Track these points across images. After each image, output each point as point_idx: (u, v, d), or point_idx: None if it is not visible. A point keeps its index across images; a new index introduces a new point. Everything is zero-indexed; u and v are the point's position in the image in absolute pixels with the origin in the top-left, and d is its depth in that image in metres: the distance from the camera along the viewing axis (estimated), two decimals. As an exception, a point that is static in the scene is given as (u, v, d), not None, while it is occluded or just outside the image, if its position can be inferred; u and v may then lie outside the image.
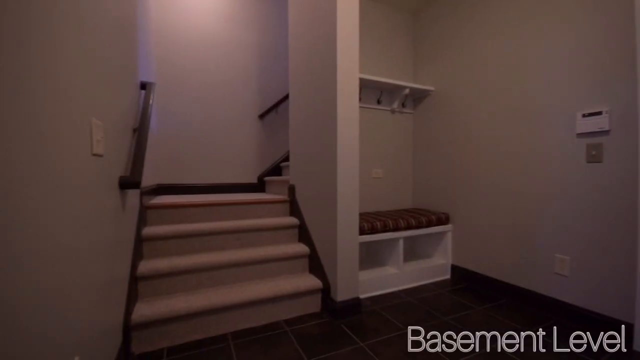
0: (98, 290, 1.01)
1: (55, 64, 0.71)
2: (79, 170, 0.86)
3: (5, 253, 0.50)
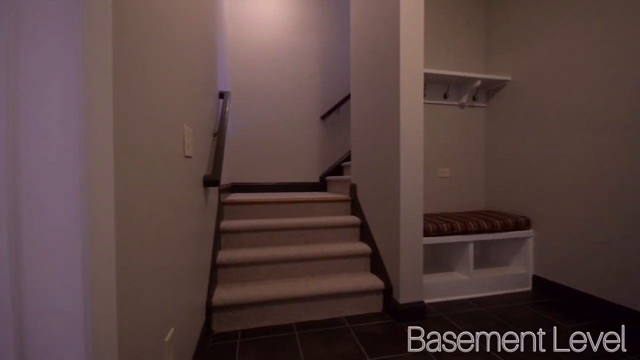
0: (188, 273, 1.18)
1: (161, 84, 0.86)
2: (176, 169, 1.02)
3: (122, 241, 0.64)
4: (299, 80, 3.46)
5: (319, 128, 3.54)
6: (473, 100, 2.62)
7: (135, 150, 0.67)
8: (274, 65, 3.39)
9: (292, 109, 3.46)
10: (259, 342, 1.51)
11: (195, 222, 1.33)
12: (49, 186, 0.46)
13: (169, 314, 0.92)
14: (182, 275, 1.09)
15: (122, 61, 0.57)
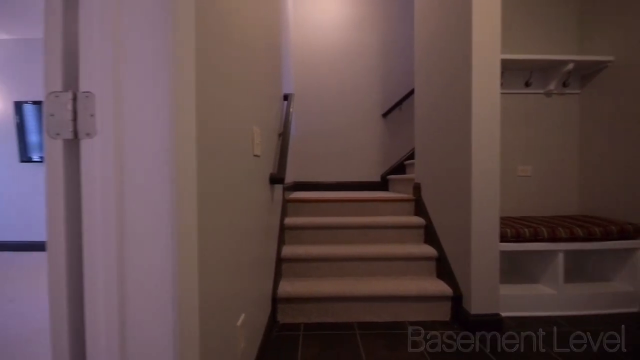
0: (257, 265, 1.26)
1: (234, 87, 0.93)
2: (246, 167, 1.09)
3: (203, 231, 0.70)
4: (359, 78, 3.43)
5: (380, 126, 3.46)
6: (563, 87, 2.27)
7: (212, 149, 0.73)
8: (335, 64, 3.42)
9: (353, 108, 3.44)
10: (321, 337, 1.53)
11: (263, 217, 1.41)
12: (148, 183, 0.53)
13: (240, 302, 1.00)
14: (251, 267, 1.17)
15: (201, 69, 0.63)
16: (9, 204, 3.33)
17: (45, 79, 0.49)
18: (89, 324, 0.51)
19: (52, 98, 0.48)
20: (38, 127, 3.24)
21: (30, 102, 3.22)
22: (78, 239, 0.49)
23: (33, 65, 3.31)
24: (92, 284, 0.50)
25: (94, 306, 0.50)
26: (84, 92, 0.48)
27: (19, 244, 3.32)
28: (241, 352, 0.95)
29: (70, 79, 0.49)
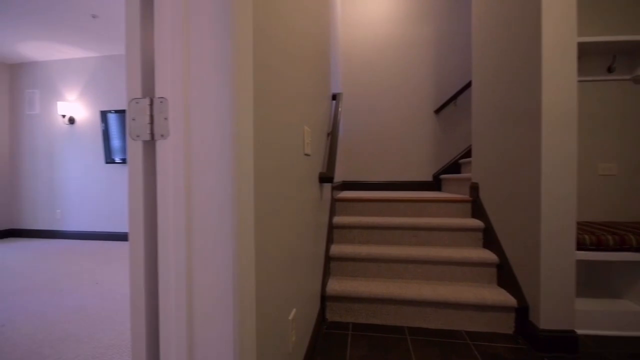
0: (307, 262, 1.28)
1: (287, 88, 0.96)
2: (298, 166, 1.12)
3: (259, 226, 0.73)
4: (410, 73, 3.30)
5: (432, 123, 3.29)
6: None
7: (267, 149, 0.76)
8: (384, 60, 3.34)
9: (403, 104, 3.32)
10: (370, 339, 1.51)
11: (312, 216, 1.43)
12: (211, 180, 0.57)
13: (291, 296, 1.02)
14: (302, 263, 1.19)
15: (259, 73, 0.66)
16: (97, 200, 3.88)
17: (127, 87, 0.55)
18: (162, 307, 0.56)
19: (133, 104, 0.55)
20: (119, 133, 3.71)
21: (113, 111, 3.70)
22: (154, 230, 0.55)
23: (115, 78, 3.80)
24: (165, 271, 0.56)
25: (166, 292, 0.56)
26: (159, 97, 0.53)
27: (104, 234, 3.85)
28: (292, 345, 0.98)
29: (148, 87, 0.56)
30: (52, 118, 3.96)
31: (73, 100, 3.90)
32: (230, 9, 0.53)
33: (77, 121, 3.90)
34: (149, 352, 0.58)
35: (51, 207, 3.98)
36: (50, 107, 3.96)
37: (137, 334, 0.58)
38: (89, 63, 3.86)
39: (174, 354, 0.55)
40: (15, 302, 1.97)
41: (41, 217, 4.01)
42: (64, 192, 3.95)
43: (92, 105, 3.86)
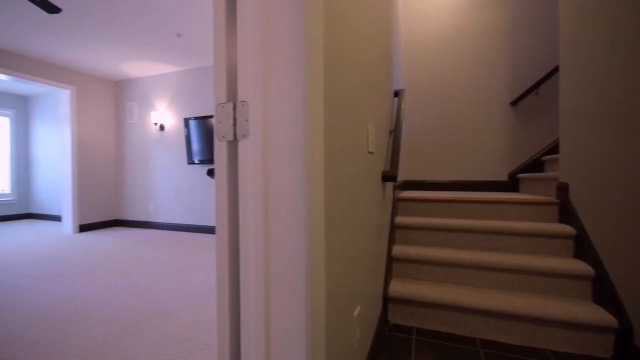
0: (370, 261, 1.28)
1: (351, 85, 0.97)
2: (362, 164, 1.12)
3: (329, 224, 0.75)
4: (481, 63, 3.03)
5: (507, 116, 2.96)
6: None
7: (335, 147, 0.78)
8: (450, 50, 3.12)
9: (474, 97, 3.06)
10: (436, 346, 1.43)
11: (375, 214, 1.42)
12: (285, 179, 0.61)
13: (355, 294, 1.03)
14: (365, 262, 1.19)
15: (328, 74, 0.68)
16: (180, 196, 4.42)
17: (214, 94, 0.63)
18: (242, 295, 0.62)
19: (220, 109, 0.62)
20: (197, 137, 4.17)
21: (193, 118, 4.18)
22: (237, 223, 0.61)
23: (196, 88, 4.29)
24: (245, 264, 0.61)
25: (246, 282, 0.61)
26: (240, 101, 0.59)
27: (186, 226, 4.37)
28: (357, 342, 0.98)
29: (231, 93, 0.62)
30: (147, 126, 4.64)
31: (163, 110, 4.51)
32: (304, 20, 0.56)
33: (166, 128, 4.50)
34: (232, 334, 0.65)
35: (146, 202, 4.67)
36: (145, 117, 4.65)
37: (222, 317, 0.65)
38: (175, 77, 4.42)
39: (254, 337, 0.60)
40: (119, 280, 2.36)
41: (138, 210, 4.74)
42: (155, 189, 4.60)
43: (178, 114, 4.41)
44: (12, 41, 3.40)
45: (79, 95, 4.38)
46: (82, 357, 1.36)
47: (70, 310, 1.82)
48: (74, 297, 2.03)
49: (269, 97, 0.60)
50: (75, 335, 1.54)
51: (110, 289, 2.17)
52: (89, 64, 4.12)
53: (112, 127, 4.86)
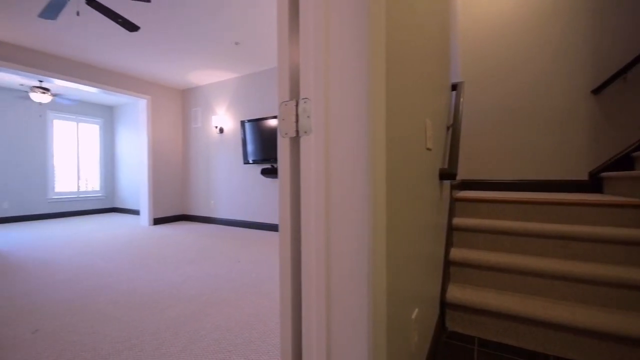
0: (426, 263, 1.22)
1: (409, 79, 0.94)
2: (419, 161, 1.08)
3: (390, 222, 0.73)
4: (556, 46, 2.69)
5: (588, 106, 2.59)
6: None
7: (395, 143, 0.76)
8: (517, 35, 2.83)
9: (546, 87, 2.74)
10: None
11: (432, 214, 1.35)
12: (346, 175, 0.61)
13: (413, 296, 0.99)
14: (422, 264, 1.14)
15: (390, 69, 0.66)
16: (237, 194, 4.73)
17: (278, 92, 0.66)
18: (305, 293, 0.64)
19: (283, 106, 0.64)
20: (252, 139, 4.41)
21: (247, 121, 4.43)
22: (299, 217, 0.63)
23: (251, 93, 4.55)
24: (307, 259, 0.63)
25: (307, 281, 0.63)
26: (302, 98, 0.61)
27: (242, 222, 4.65)
28: (415, 345, 0.95)
29: (294, 91, 0.64)
30: (209, 129, 5.05)
31: (222, 114, 4.87)
32: (366, 17, 0.55)
33: (225, 130, 4.85)
34: (294, 331, 0.67)
35: (207, 199, 5.09)
36: (207, 121, 5.06)
37: (285, 313, 0.68)
38: (233, 83, 4.74)
39: (315, 337, 0.62)
40: (187, 269, 2.60)
41: (201, 206, 5.17)
42: (215, 187, 4.98)
43: (235, 117, 4.72)
44: (100, 58, 3.97)
45: (153, 104, 4.94)
46: (157, 335, 1.53)
47: (147, 294, 2.06)
48: (150, 282, 2.29)
49: (331, 94, 0.60)
50: (152, 316, 1.74)
51: (180, 276, 2.41)
52: (161, 76, 4.62)
53: (180, 131, 5.38)
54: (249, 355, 1.36)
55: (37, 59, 3.68)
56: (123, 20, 2.52)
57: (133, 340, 1.48)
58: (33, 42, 3.45)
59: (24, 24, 3.04)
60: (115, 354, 1.37)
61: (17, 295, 2.04)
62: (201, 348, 1.42)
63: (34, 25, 3.08)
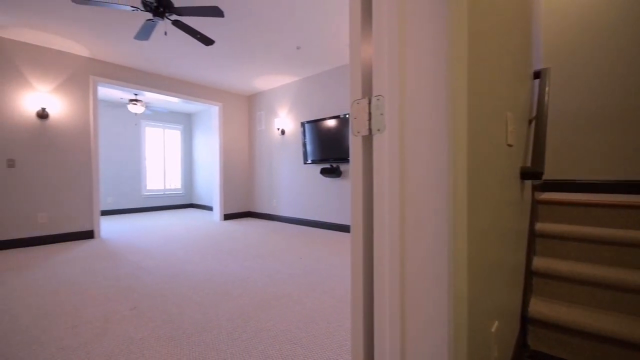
0: (506, 272, 1.10)
1: (487, 68, 0.85)
2: (499, 159, 0.98)
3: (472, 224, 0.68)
4: (675, 20, 2.20)
5: None
6: None
7: (475, 139, 0.70)
8: (613, 13, 2.38)
9: None
10: (603, 391, 1.12)
11: (512, 218, 1.22)
12: (422, 175, 0.58)
13: (493, 308, 0.91)
14: (501, 273, 1.03)
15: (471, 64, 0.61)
16: (297, 193, 4.90)
17: (350, 91, 0.66)
18: (376, 291, 0.63)
19: (355, 105, 0.64)
20: (310, 140, 4.52)
21: (307, 122, 4.56)
22: (371, 217, 0.63)
23: (310, 95, 4.67)
24: (379, 262, 0.62)
25: (380, 285, 0.62)
26: (376, 96, 0.60)
27: (301, 220, 4.81)
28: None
29: (366, 89, 0.64)
30: (271, 131, 5.33)
31: (284, 116, 5.10)
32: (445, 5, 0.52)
33: (286, 132, 5.07)
34: (365, 335, 0.67)
35: (270, 197, 5.38)
36: (270, 123, 5.35)
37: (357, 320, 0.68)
38: (293, 86, 4.93)
39: (388, 345, 0.60)
40: (254, 262, 2.78)
41: (265, 204, 5.50)
42: (277, 186, 5.24)
43: (296, 119, 4.91)
44: (180, 71, 4.49)
45: (224, 109, 5.41)
46: (231, 321, 1.67)
47: (220, 282, 2.27)
48: (222, 272, 2.51)
49: (406, 90, 0.58)
50: (225, 303, 1.91)
51: (247, 269, 2.59)
52: (231, 84, 5.04)
53: (246, 134, 5.80)
54: (314, 350, 1.40)
55: (133, 76, 4.32)
56: (201, 35, 2.81)
57: (211, 323, 1.64)
58: (130, 61, 4.07)
59: (122, 46, 3.60)
60: (197, 334, 1.54)
61: (120, 276, 2.42)
62: (270, 337, 1.50)
63: (130, 47, 3.63)
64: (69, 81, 3.74)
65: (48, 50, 3.58)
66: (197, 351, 1.40)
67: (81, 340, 1.48)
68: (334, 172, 4.23)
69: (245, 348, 1.42)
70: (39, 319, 1.69)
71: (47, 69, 3.57)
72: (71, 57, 3.75)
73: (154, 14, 2.44)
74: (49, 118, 3.58)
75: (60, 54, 3.67)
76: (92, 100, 3.90)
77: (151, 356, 1.36)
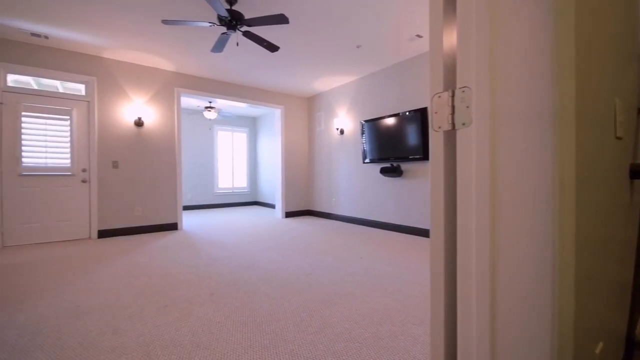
0: (612, 287, 0.94)
1: (594, 48, 0.74)
2: (605, 154, 0.84)
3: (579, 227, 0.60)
4: None
5: None
6: None
7: (581, 133, 0.62)
8: None
9: None
10: None
11: (618, 225, 1.03)
12: (517, 174, 0.53)
13: (597, 327, 0.78)
14: (607, 287, 0.89)
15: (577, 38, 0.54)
16: (356, 193, 4.89)
17: (430, 84, 0.63)
18: (460, 306, 0.59)
19: (436, 99, 0.62)
20: (368, 139, 4.46)
21: (365, 121, 4.51)
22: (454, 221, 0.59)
23: (369, 93, 4.61)
24: (464, 271, 0.58)
25: (467, 292, 0.58)
26: (460, 88, 0.57)
27: (359, 220, 4.78)
28: (599, 388, 0.75)
29: (449, 81, 0.61)
30: (330, 131, 5.41)
31: (343, 116, 5.13)
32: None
33: (345, 132, 5.09)
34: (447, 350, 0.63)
35: (329, 196, 5.46)
36: (329, 123, 5.43)
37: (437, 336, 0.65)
38: (353, 85, 4.92)
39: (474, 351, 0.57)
40: (315, 259, 2.86)
41: (324, 202, 5.60)
42: (336, 185, 5.30)
43: (355, 118, 4.89)
44: (247, 78, 4.82)
45: (286, 112, 5.66)
46: (297, 314, 1.74)
47: (285, 277, 2.38)
48: (287, 266, 2.64)
49: (497, 79, 0.54)
50: (291, 297, 1.99)
51: (310, 265, 2.68)
52: (292, 87, 5.25)
53: (306, 135, 5.98)
54: (379, 352, 1.38)
55: (209, 85, 4.79)
56: (267, 43, 2.98)
57: (278, 314, 1.74)
58: (206, 72, 4.52)
59: (201, 60, 4.02)
60: (266, 323, 1.64)
61: (199, 264, 2.71)
62: (334, 334, 1.53)
63: (207, 60, 4.03)
64: (159, 93, 4.32)
65: (142, 67, 4.18)
66: (267, 339, 1.49)
67: (170, 319, 1.69)
68: (395, 172, 4.10)
69: (311, 341, 1.47)
70: (137, 298, 1.98)
71: (141, 83, 4.18)
72: (160, 72, 4.33)
73: (228, 27, 2.67)
74: (144, 126, 4.18)
75: (152, 69, 4.26)
76: (177, 109, 4.44)
77: (228, 338, 1.49)
